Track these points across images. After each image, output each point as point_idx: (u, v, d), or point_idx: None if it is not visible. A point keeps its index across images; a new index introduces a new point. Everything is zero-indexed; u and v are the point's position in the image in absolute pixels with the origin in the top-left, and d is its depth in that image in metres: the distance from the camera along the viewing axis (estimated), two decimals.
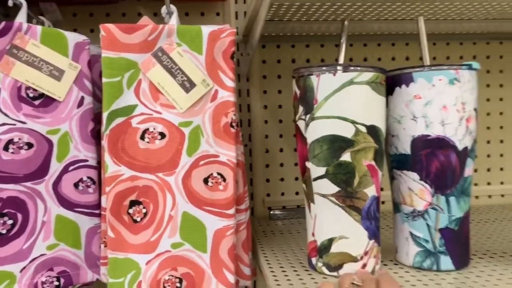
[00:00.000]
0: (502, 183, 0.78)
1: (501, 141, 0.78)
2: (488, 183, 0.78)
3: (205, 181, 0.48)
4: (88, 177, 0.51)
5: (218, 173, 0.48)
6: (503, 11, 0.61)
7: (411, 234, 0.44)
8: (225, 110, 0.48)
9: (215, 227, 0.48)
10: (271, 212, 0.70)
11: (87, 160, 0.51)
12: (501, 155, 0.78)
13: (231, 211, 0.48)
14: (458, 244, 0.43)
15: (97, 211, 0.52)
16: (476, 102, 0.44)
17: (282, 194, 0.73)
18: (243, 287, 0.72)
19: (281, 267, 0.47)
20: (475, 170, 0.78)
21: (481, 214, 0.69)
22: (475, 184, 0.78)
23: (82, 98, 0.51)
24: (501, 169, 0.78)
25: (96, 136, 0.52)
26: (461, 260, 0.44)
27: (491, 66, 0.77)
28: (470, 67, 0.42)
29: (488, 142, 0.78)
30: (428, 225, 0.43)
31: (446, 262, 0.43)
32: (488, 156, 0.78)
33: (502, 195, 0.78)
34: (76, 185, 0.50)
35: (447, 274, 0.43)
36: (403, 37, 0.73)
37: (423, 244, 0.44)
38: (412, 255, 0.44)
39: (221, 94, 0.49)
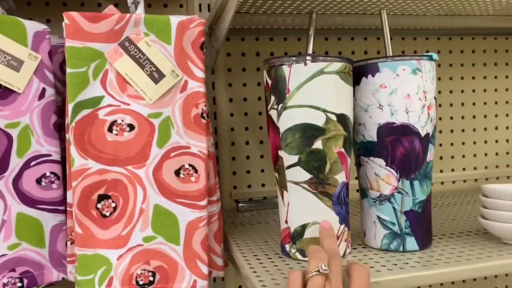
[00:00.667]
0: (452, 170, 0.83)
1: (452, 131, 0.83)
2: (441, 171, 0.83)
3: (177, 173, 0.47)
4: (52, 172, 0.49)
5: (190, 165, 0.48)
6: (454, 6, 0.65)
7: (378, 217, 0.46)
8: (195, 101, 0.48)
9: (188, 219, 0.47)
10: (239, 205, 0.70)
11: (50, 155, 0.49)
12: (452, 144, 0.83)
13: (203, 203, 0.48)
14: (422, 225, 0.46)
15: (61, 208, 0.50)
16: (435, 91, 0.46)
17: (249, 186, 0.74)
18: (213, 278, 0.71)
19: (255, 255, 0.47)
20: None
21: (435, 200, 0.73)
22: None
23: (44, 89, 0.48)
24: (452, 157, 0.83)
25: (58, 129, 0.50)
26: (425, 240, 0.46)
27: (441, 61, 0.82)
28: (430, 58, 0.45)
29: (440, 132, 0.82)
30: (394, 208, 0.46)
31: (411, 243, 0.46)
32: (440, 145, 0.83)
33: (453, 182, 0.84)
34: (38, 181, 0.48)
35: (413, 254, 0.45)
36: (362, 31, 0.76)
37: (390, 226, 0.46)
38: (380, 238, 0.46)
39: (191, 84, 0.48)
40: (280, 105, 0.44)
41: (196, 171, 0.48)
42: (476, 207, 0.66)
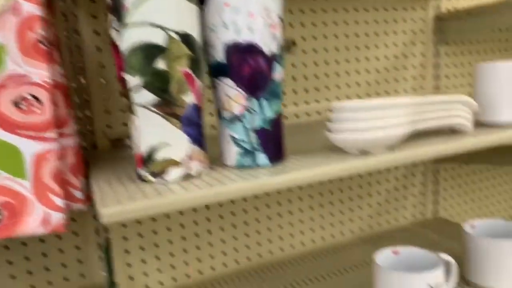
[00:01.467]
0: (327, 99, 0.89)
1: (326, 62, 0.87)
2: (317, 101, 0.87)
3: (16, 103, 0.44)
4: None
5: (31, 95, 0.45)
6: None
7: (232, 136, 0.48)
8: (31, 25, 0.44)
9: (33, 151, 0.45)
10: (114, 143, 0.68)
11: None
12: (327, 75, 0.88)
13: (51, 134, 0.45)
14: (272, 142, 0.49)
15: None
16: (280, 11, 0.47)
17: (125, 124, 0.72)
18: (78, 212, 0.70)
19: (111, 185, 0.47)
20: (295, 92, 0.86)
21: (306, 127, 0.78)
22: (295, 104, 0.86)
23: None
24: (327, 87, 0.88)
25: None
26: (276, 156, 0.49)
27: None
28: None
29: (316, 63, 0.86)
30: (245, 127, 0.47)
31: (262, 158, 0.48)
32: (317, 77, 0.87)
33: (318, 113, 0.89)
34: None
35: (264, 169, 0.48)
36: None
37: (242, 144, 0.48)
38: (234, 156, 0.48)
39: (25, 7, 0.44)
40: (120, 24, 0.42)
41: (39, 101, 0.45)
42: None
